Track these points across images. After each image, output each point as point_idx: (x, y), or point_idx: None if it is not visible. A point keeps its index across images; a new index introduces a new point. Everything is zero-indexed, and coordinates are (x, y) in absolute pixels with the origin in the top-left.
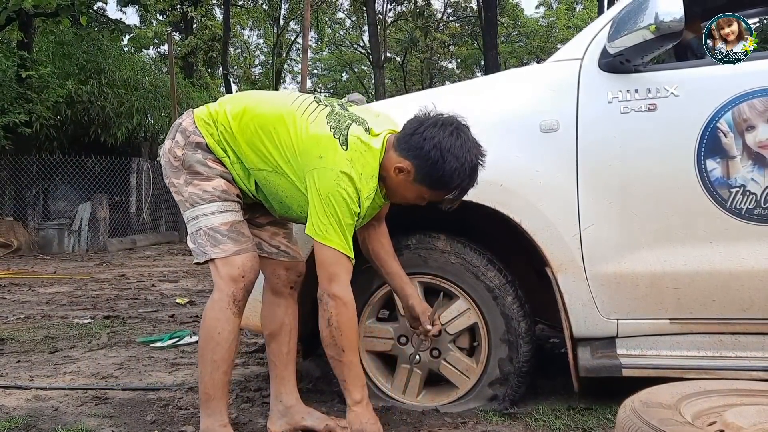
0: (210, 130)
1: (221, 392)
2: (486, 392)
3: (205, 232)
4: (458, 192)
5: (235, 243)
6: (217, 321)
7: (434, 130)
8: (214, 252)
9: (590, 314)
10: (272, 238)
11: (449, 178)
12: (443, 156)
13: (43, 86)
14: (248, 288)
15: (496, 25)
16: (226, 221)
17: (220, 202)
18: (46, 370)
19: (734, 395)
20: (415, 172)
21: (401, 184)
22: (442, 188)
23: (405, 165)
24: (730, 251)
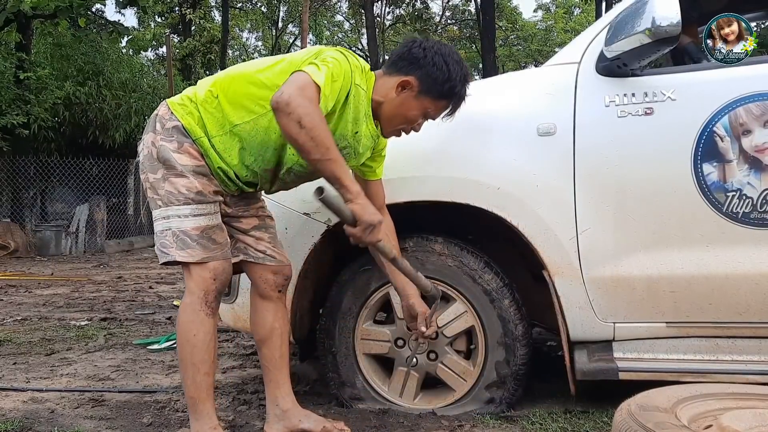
0: (186, 110)
1: (206, 394)
2: (483, 395)
3: (173, 233)
4: (456, 100)
5: (204, 249)
6: (191, 324)
7: (430, 42)
8: (179, 255)
9: (587, 317)
10: (257, 243)
11: (454, 82)
12: (446, 61)
13: (41, 88)
14: (220, 290)
15: (494, 29)
16: (198, 226)
17: (194, 204)
18: (42, 372)
19: (730, 399)
20: (420, 84)
21: (404, 102)
22: (446, 96)
23: (409, 79)
24: (727, 255)
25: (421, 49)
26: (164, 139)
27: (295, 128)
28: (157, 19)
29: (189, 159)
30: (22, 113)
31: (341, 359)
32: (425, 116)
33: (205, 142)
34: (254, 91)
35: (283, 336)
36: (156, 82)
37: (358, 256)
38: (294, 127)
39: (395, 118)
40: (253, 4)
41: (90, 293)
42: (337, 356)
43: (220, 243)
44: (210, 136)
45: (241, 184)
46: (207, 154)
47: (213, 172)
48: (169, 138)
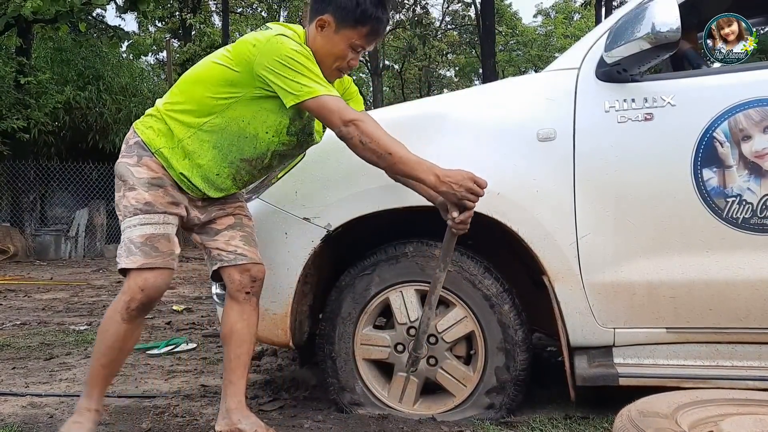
0: (146, 125)
1: (97, 381)
2: (483, 401)
3: (124, 242)
4: (378, 24)
5: (145, 256)
6: (108, 319)
7: None
8: (124, 261)
9: (587, 323)
10: (228, 244)
11: (363, 5)
12: None
13: (42, 92)
14: (145, 302)
15: (494, 34)
16: (143, 234)
17: (141, 215)
18: (41, 377)
19: (731, 405)
20: (335, 18)
21: (328, 41)
22: (362, 21)
23: (324, 17)
24: (727, 261)
25: None
26: (125, 156)
27: (359, 149)
28: (158, 24)
29: (146, 171)
30: (23, 117)
31: (341, 364)
32: (353, 48)
33: (165, 152)
34: (211, 88)
35: (244, 338)
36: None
37: (358, 261)
38: (358, 149)
39: (326, 59)
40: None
41: (89, 298)
42: (336, 361)
43: (163, 252)
44: (179, 140)
45: (209, 188)
46: (169, 164)
47: (177, 179)
48: (130, 154)
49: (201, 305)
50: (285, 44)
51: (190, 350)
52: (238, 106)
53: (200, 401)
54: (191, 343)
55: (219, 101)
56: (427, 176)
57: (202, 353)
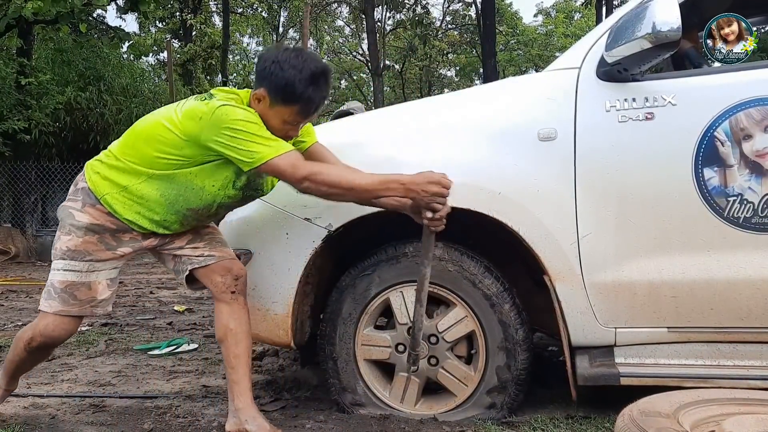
0: (95, 169)
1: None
2: (484, 400)
3: (47, 284)
4: (308, 104)
5: (63, 303)
6: (17, 339)
7: (270, 53)
8: (43, 304)
9: (588, 323)
10: (194, 251)
11: (292, 86)
12: (281, 66)
13: (42, 93)
14: (43, 345)
15: (495, 34)
16: (64, 280)
17: (67, 260)
18: (43, 378)
19: (732, 404)
20: (268, 95)
21: (264, 114)
22: (292, 100)
23: (259, 92)
24: (728, 260)
25: (262, 62)
26: (70, 199)
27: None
28: (158, 25)
29: (87, 217)
30: (24, 118)
31: (342, 365)
32: (286, 123)
33: (109, 198)
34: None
35: (239, 337)
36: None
37: (358, 262)
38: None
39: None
40: (253, 9)
41: None
42: (337, 362)
43: (80, 300)
44: (125, 187)
45: (157, 228)
46: (114, 210)
47: (124, 222)
48: (75, 198)
49: (202, 306)
50: (229, 114)
51: (192, 351)
52: (186, 164)
53: (202, 402)
54: (193, 343)
55: (168, 161)
56: (396, 188)
57: (204, 354)
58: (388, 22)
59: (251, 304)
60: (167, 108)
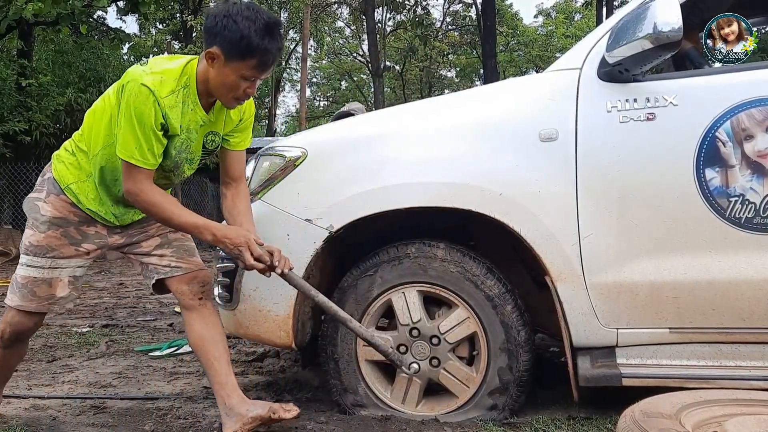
0: (60, 158)
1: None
2: (486, 402)
3: (13, 278)
4: (265, 54)
5: (22, 299)
6: None
7: (220, 8)
8: (8, 297)
9: (590, 323)
10: (161, 260)
11: (248, 38)
12: (234, 20)
13: (43, 94)
14: (14, 336)
15: (495, 35)
16: (26, 276)
17: (30, 256)
18: (44, 379)
19: (734, 405)
20: (222, 51)
21: (219, 74)
22: (249, 53)
23: (212, 50)
24: (730, 260)
25: (213, 18)
26: (37, 190)
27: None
28: (159, 26)
29: (50, 209)
30: (24, 120)
31: (343, 366)
32: (245, 78)
33: (74, 187)
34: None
35: (215, 338)
36: None
37: (360, 262)
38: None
39: (220, 89)
40: None
41: (91, 300)
42: (339, 363)
43: (39, 297)
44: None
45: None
46: (78, 200)
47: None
48: (41, 189)
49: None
50: (131, 96)
51: (191, 352)
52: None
53: (203, 403)
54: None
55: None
56: (207, 237)
57: None
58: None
59: (252, 306)
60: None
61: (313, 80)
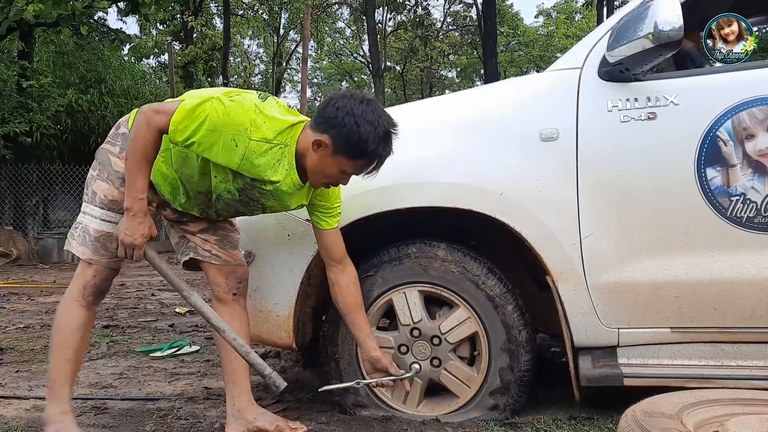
0: None
1: (65, 379)
2: (487, 402)
3: (82, 228)
4: (376, 160)
5: (94, 252)
6: (66, 310)
7: (345, 101)
8: (77, 248)
9: (591, 323)
10: (204, 244)
11: (365, 143)
12: (357, 121)
13: (44, 96)
14: (97, 289)
15: (496, 35)
16: (100, 229)
17: (105, 210)
18: (45, 380)
19: (736, 404)
20: (333, 144)
21: (322, 160)
22: (360, 156)
23: (323, 138)
24: (731, 260)
25: (335, 109)
26: (109, 142)
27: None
28: (159, 27)
29: (124, 165)
30: (25, 121)
31: (344, 366)
32: (345, 173)
33: None
34: None
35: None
36: (158, 89)
37: (361, 263)
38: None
39: (316, 174)
40: (254, 11)
41: None
42: (340, 363)
43: (111, 252)
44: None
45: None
46: None
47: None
48: (114, 142)
49: None
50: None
51: (194, 353)
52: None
53: (204, 403)
54: (194, 345)
55: None
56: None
57: (206, 356)
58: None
59: (253, 306)
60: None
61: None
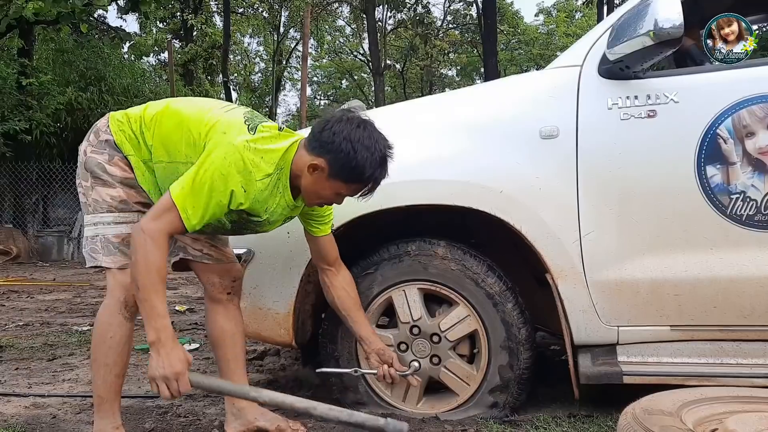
0: (121, 127)
1: (114, 395)
2: (486, 399)
3: (101, 240)
4: (372, 184)
5: (125, 256)
6: (109, 325)
7: (341, 125)
8: (105, 261)
9: (591, 321)
10: (194, 243)
11: (362, 168)
12: (354, 147)
13: (44, 94)
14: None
15: (496, 33)
16: (119, 233)
17: (116, 212)
18: (44, 378)
19: (735, 402)
20: (329, 168)
21: (317, 182)
22: (357, 180)
23: (318, 162)
24: (731, 258)
25: (331, 133)
26: (95, 151)
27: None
28: (159, 25)
29: (119, 170)
30: (25, 119)
31: (343, 364)
32: (340, 195)
33: (134, 159)
34: (179, 141)
35: (235, 337)
36: (158, 87)
37: (360, 260)
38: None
39: (311, 195)
40: (254, 9)
41: (92, 298)
42: (339, 361)
43: None
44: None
45: None
46: (134, 174)
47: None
48: (101, 150)
49: (203, 306)
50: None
51: (193, 350)
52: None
53: (203, 401)
54: (194, 343)
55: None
56: (149, 333)
57: (205, 353)
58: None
59: (252, 303)
60: (210, 105)
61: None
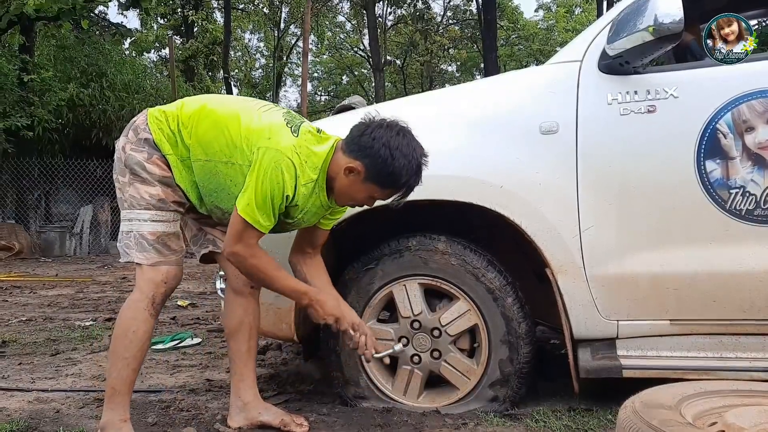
0: (160, 126)
1: (127, 388)
2: (487, 393)
3: (135, 236)
4: (405, 190)
5: (158, 254)
6: (133, 320)
7: (381, 131)
8: (138, 257)
9: (590, 315)
10: (223, 236)
11: (398, 175)
12: (392, 154)
13: (45, 90)
14: (167, 294)
15: (496, 29)
16: (154, 231)
17: (154, 210)
18: (47, 373)
19: (735, 396)
20: (366, 172)
21: (352, 185)
22: (392, 186)
23: (355, 165)
24: (731, 252)
25: (371, 138)
26: (134, 149)
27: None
28: (160, 21)
29: (158, 169)
30: (26, 115)
31: (345, 358)
32: (373, 199)
33: (172, 159)
34: (218, 140)
35: (251, 331)
36: (159, 83)
37: (362, 255)
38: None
39: (343, 197)
40: (255, 5)
41: (94, 294)
42: (340, 355)
43: (174, 249)
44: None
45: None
46: (173, 173)
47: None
48: (140, 149)
49: (205, 301)
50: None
51: (195, 345)
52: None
53: (205, 395)
54: (196, 338)
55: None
56: (302, 300)
57: (207, 348)
58: (389, 18)
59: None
60: (248, 105)
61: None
